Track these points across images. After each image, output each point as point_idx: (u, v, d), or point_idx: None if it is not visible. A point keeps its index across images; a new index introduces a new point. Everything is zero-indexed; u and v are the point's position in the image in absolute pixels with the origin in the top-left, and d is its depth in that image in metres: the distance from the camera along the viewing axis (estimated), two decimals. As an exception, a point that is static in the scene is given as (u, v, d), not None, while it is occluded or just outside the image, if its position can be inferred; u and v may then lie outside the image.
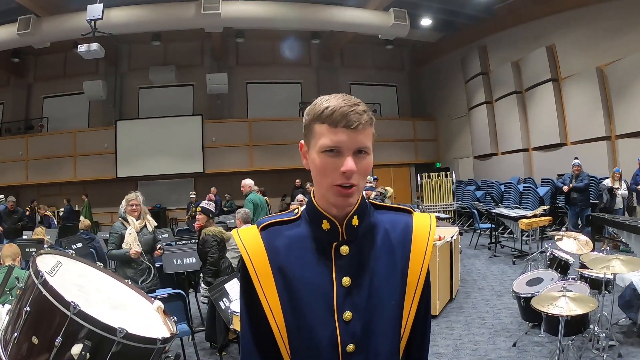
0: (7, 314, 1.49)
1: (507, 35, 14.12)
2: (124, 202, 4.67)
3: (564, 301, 3.24)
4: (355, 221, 1.16)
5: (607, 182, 9.01)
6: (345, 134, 1.07)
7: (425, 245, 1.20)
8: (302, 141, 1.17)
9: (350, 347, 1.12)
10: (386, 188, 10.88)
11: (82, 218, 11.06)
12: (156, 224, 5.00)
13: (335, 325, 1.12)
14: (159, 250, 4.75)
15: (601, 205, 8.96)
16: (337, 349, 1.12)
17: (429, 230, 1.22)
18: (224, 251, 5.17)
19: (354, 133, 1.07)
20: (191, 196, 13.91)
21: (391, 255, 1.18)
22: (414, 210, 1.30)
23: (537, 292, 3.98)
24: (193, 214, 12.17)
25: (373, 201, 1.27)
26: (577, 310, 3.16)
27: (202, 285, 5.23)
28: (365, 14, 13.14)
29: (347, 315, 1.13)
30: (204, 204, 5.48)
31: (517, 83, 13.83)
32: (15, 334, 1.36)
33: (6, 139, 16.10)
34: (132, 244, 4.51)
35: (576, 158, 9.48)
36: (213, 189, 13.64)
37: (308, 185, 13.96)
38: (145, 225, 4.73)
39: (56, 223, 13.03)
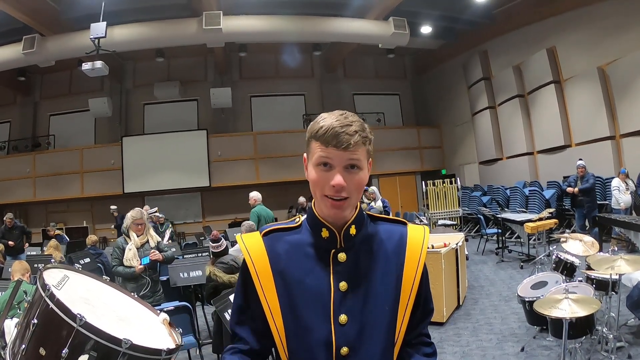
0: (15, 326, 1.53)
1: (507, 39, 14.18)
2: (128, 218, 4.70)
3: (567, 303, 3.22)
4: (352, 230, 1.23)
5: (616, 182, 8.90)
6: (334, 153, 1.13)
7: (419, 254, 1.26)
8: (305, 154, 1.24)
9: (344, 350, 1.17)
10: None
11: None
12: (159, 239, 4.98)
13: (331, 328, 1.17)
14: (155, 254, 4.62)
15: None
16: (332, 351, 1.17)
17: (423, 241, 1.29)
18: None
19: (344, 152, 1.13)
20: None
21: (386, 263, 1.24)
22: (410, 222, 1.37)
23: (541, 295, 3.96)
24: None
25: (370, 213, 1.33)
26: (580, 312, 3.14)
27: None
28: (365, 24, 13.21)
29: (343, 318, 1.18)
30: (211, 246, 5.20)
31: (519, 87, 13.83)
32: (23, 346, 1.39)
33: (14, 156, 16.34)
34: (131, 260, 4.54)
35: (580, 159, 9.44)
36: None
37: (302, 199, 13.65)
38: (147, 241, 4.73)
39: (67, 239, 13.04)
